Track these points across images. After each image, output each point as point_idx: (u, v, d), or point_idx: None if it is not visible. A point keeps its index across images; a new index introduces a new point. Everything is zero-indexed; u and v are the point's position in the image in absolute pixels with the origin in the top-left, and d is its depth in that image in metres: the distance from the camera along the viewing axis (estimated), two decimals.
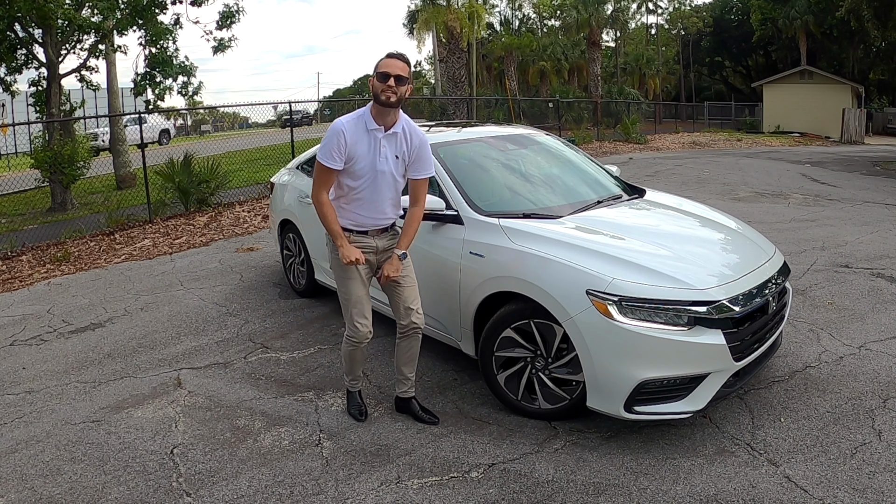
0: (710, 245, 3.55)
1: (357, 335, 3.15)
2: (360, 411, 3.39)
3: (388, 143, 2.99)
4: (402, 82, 2.90)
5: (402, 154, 3.04)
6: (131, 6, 11.43)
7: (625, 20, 41.87)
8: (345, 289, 3.14)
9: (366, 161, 2.96)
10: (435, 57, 35.24)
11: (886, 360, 3.76)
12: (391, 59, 2.93)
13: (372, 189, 3.04)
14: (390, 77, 2.86)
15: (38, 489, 2.90)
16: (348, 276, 3.10)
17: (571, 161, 4.58)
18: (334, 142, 2.91)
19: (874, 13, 19.70)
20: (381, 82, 2.88)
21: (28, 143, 12.43)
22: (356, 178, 3.01)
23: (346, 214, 3.09)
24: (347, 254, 3.01)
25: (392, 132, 2.99)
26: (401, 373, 3.35)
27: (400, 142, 3.02)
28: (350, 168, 2.98)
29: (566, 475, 2.82)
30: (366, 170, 2.98)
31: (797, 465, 2.82)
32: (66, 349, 4.61)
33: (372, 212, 3.10)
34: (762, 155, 18.05)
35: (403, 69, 2.91)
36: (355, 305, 3.13)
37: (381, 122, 2.96)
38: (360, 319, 3.13)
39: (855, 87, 30.38)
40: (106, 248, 8.09)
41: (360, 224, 3.11)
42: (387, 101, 2.89)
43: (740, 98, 39.14)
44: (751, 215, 7.80)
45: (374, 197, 3.06)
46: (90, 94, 14.47)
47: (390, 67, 2.88)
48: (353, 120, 2.98)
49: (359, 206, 3.08)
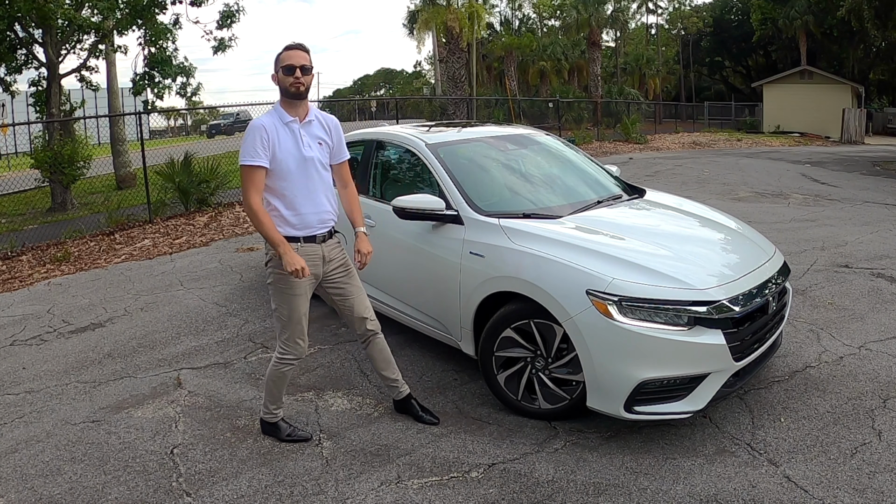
0: (711, 245, 3.55)
1: (296, 352, 3.05)
2: (300, 435, 3.19)
3: (306, 131, 2.98)
4: (307, 72, 2.92)
5: (324, 140, 3.04)
6: (131, 6, 11.43)
7: (625, 20, 41.85)
8: (287, 305, 2.96)
9: (291, 152, 2.91)
10: (435, 57, 35.24)
11: (886, 360, 3.76)
12: (293, 50, 2.92)
13: (304, 179, 2.94)
14: (296, 69, 2.88)
15: (38, 489, 2.90)
16: (293, 291, 2.94)
17: (571, 161, 4.58)
18: (256, 138, 2.84)
19: (875, 13, 19.70)
20: (288, 75, 2.88)
21: (28, 143, 12.43)
22: (287, 175, 2.90)
23: (289, 220, 2.94)
24: (293, 261, 2.80)
25: (307, 121, 3.00)
26: (384, 378, 3.32)
27: (318, 128, 3.03)
28: (278, 166, 2.88)
29: (566, 475, 2.82)
30: (294, 161, 2.91)
31: (797, 465, 2.82)
32: (66, 349, 4.61)
33: (312, 205, 2.97)
34: (762, 155, 18.05)
35: (307, 59, 2.92)
36: (298, 323, 2.99)
37: (294, 114, 2.95)
38: (301, 338, 3.04)
39: (855, 87, 30.38)
40: (106, 248, 8.09)
41: (306, 224, 2.95)
42: (297, 92, 2.89)
43: (740, 98, 39.15)
44: (751, 215, 7.80)
45: (309, 187, 2.96)
46: (90, 93, 14.47)
47: (295, 59, 2.89)
48: (269, 117, 2.96)
49: (300, 205, 2.94)
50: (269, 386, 3.16)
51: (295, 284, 2.93)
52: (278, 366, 3.09)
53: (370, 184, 4.49)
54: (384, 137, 4.57)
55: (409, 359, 4.11)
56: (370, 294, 4.40)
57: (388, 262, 4.15)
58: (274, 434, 3.21)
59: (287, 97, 2.93)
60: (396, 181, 4.44)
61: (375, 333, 3.22)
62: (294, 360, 3.08)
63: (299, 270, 2.81)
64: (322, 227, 3.02)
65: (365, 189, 4.48)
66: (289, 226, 2.93)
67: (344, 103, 61.06)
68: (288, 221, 2.93)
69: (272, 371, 3.12)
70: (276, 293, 2.99)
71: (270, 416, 3.23)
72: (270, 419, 3.23)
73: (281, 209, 2.93)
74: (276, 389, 3.16)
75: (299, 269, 2.81)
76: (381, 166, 4.52)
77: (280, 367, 3.09)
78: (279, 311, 3.01)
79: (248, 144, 2.84)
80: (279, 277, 2.94)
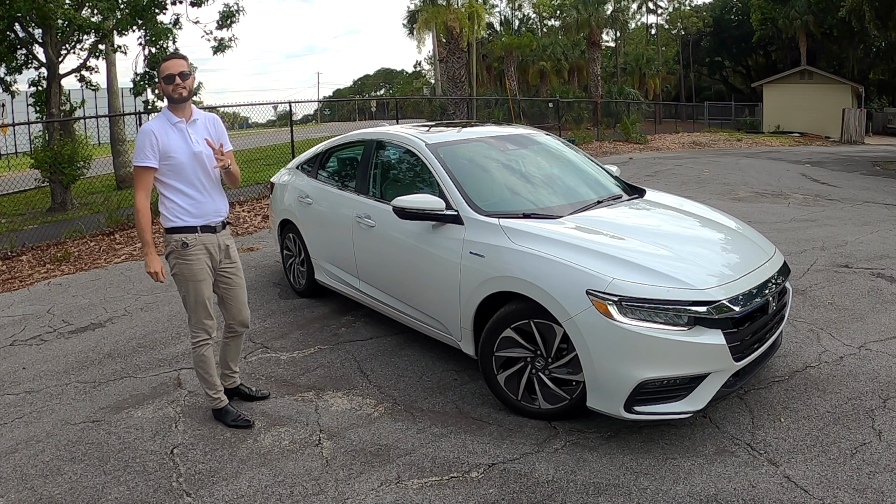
0: (711, 245, 3.55)
1: (205, 332, 3.30)
2: (244, 420, 3.37)
3: (193, 129, 3.23)
4: (186, 77, 3.17)
5: (210, 136, 3.27)
6: (131, 6, 11.43)
7: (625, 20, 41.77)
8: (191, 291, 3.25)
9: (181, 149, 3.16)
10: (435, 57, 35.21)
11: (886, 360, 3.76)
12: (170, 60, 3.18)
13: (197, 172, 3.21)
14: (175, 76, 3.13)
15: (38, 489, 2.90)
16: (195, 277, 3.23)
17: (571, 161, 4.58)
18: (146, 142, 3.11)
19: (875, 13, 19.69)
20: (168, 84, 3.14)
21: (28, 143, 12.42)
22: (180, 169, 3.17)
23: (189, 209, 3.20)
24: (151, 263, 3.15)
25: (193, 120, 3.25)
26: (227, 368, 3.59)
27: (203, 127, 3.29)
28: (170, 164, 3.15)
29: (566, 475, 2.82)
30: (184, 157, 3.16)
31: (797, 465, 2.82)
32: (66, 349, 4.61)
33: (207, 195, 3.25)
34: (762, 155, 18.05)
35: (183, 65, 3.18)
36: (202, 306, 3.27)
37: (180, 116, 3.21)
38: (207, 319, 3.29)
39: (855, 87, 30.38)
40: (106, 248, 8.09)
41: (203, 213, 3.22)
42: (180, 97, 3.15)
43: (740, 98, 39.16)
44: (751, 215, 7.81)
45: (201, 179, 3.23)
46: (90, 93, 14.47)
47: (172, 68, 3.14)
48: (157, 121, 3.22)
49: (195, 195, 3.21)
50: (198, 372, 3.38)
51: (196, 271, 3.22)
52: (195, 349, 3.32)
53: (370, 184, 4.50)
54: (384, 137, 4.57)
55: (409, 359, 4.11)
56: (370, 294, 4.42)
57: (388, 262, 4.16)
58: (222, 419, 3.40)
59: (172, 102, 3.19)
60: (396, 181, 4.44)
61: (243, 333, 3.56)
62: (207, 340, 3.31)
63: (156, 273, 3.16)
64: (217, 216, 3.30)
65: (365, 189, 4.48)
66: (189, 216, 3.20)
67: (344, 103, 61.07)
68: (188, 212, 3.20)
69: (194, 357, 3.34)
70: (180, 282, 3.28)
71: (214, 401, 3.41)
72: (216, 405, 3.42)
73: (180, 201, 3.20)
74: (204, 374, 3.36)
75: (155, 272, 3.16)
76: (381, 166, 4.52)
77: (198, 350, 3.31)
78: (185, 298, 3.30)
79: (139, 147, 3.13)
80: (181, 267, 3.23)
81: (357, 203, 4.46)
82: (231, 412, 3.40)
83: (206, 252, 3.24)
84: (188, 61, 3.24)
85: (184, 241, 3.18)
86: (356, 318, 4.88)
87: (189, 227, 3.20)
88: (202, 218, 3.23)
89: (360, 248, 4.41)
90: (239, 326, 3.51)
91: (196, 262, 3.21)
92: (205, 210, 3.24)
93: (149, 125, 3.19)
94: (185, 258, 3.20)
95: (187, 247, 3.19)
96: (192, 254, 3.20)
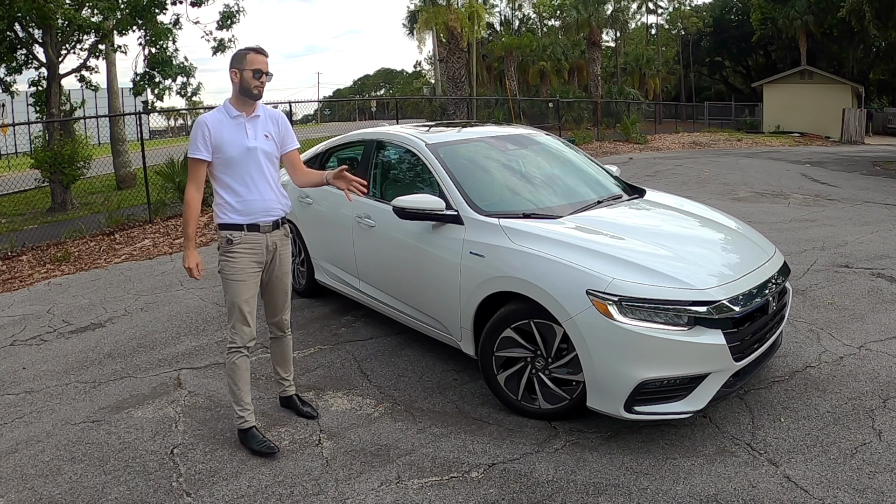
0: (711, 245, 3.55)
1: (239, 339, 3.10)
2: (268, 447, 3.09)
3: (252, 125, 3.11)
4: (269, 77, 3.11)
5: (272, 133, 3.18)
6: (131, 6, 11.43)
7: (625, 20, 41.78)
8: (230, 290, 3.09)
9: (234, 143, 3.05)
10: (435, 57, 35.21)
11: (886, 360, 3.76)
12: (260, 55, 3.06)
13: (247, 169, 3.07)
14: (263, 74, 3.05)
15: (38, 489, 2.90)
16: (236, 277, 3.07)
17: (571, 161, 4.58)
18: (198, 133, 3.02)
19: (875, 13, 19.68)
20: (255, 78, 3.03)
21: (28, 143, 12.42)
22: (230, 164, 3.05)
23: (235, 206, 3.07)
24: (188, 257, 3.07)
25: (254, 115, 3.13)
26: (279, 374, 3.47)
27: (265, 123, 3.17)
28: (222, 156, 3.04)
29: (566, 475, 2.82)
30: (236, 151, 3.04)
31: (797, 465, 2.82)
32: (66, 349, 4.61)
33: (257, 194, 3.09)
34: (762, 155, 18.05)
35: (268, 65, 3.11)
36: (240, 309, 3.09)
37: (241, 110, 3.10)
38: (245, 324, 3.11)
39: (855, 87, 30.38)
40: (106, 248, 8.09)
41: (250, 212, 3.07)
42: (258, 94, 3.07)
43: (740, 98, 39.14)
44: (751, 215, 7.80)
45: (253, 176, 3.09)
46: (90, 93, 14.46)
47: (263, 65, 3.05)
48: (214, 113, 3.11)
49: (244, 193, 3.07)
50: (228, 383, 3.18)
51: (236, 270, 3.06)
52: (227, 355, 3.15)
53: (370, 184, 4.49)
54: (384, 137, 4.57)
55: (409, 359, 4.11)
56: (371, 294, 4.42)
57: (388, 262, 4.16)
58: (246, 443, 3.14)
59: (245, 96, 3.07)
60: (396, 181, 4.44)
61: (284, 337, 3.41)
62: (240, 349, 3.12)
63: (191, 269, 3.06)
64: (266, 216, 3.13)
65: (365, 189, 4.47)
66: (234, 213, 3.08)
67: (344, 103, 61.04)
68: (234, 209, 3.08)
69: (226, 364, 3.16)
70: (223, 279, 3.13)
71: (238, 420, 3.17)
72: (240, 425, 3.17)
73: (227, 197, 3.09)
74: (233, 385, 3.14)
75: (190, 267, 3.06)
76: (381, 166, 4.52)
77: (230, 357, 3.13)
78: (226, 298, 3.15)
79: (192, 139, 3.05)
80: (224, 264, 3.10)
81: (357, 203, 4.45)
82: (257, 436, 3.13)
83: (251, 252, 3.08)
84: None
85: (229, 237, 3.06)
86: (356, 318, 4.88)
87: (235, 225, 3.07)
88: (249, 216, 3.08)
89: (360, 248, 4.41)
90: (276, 329, 3.37)
91: (238, 260, 3.06)
92: (252, 208, 3.07)
93: (204, 117, 3.07)
94: (229, 255, 3.07)
95: (231, 243, 3.05)
96: (236, 251, 3.05)
